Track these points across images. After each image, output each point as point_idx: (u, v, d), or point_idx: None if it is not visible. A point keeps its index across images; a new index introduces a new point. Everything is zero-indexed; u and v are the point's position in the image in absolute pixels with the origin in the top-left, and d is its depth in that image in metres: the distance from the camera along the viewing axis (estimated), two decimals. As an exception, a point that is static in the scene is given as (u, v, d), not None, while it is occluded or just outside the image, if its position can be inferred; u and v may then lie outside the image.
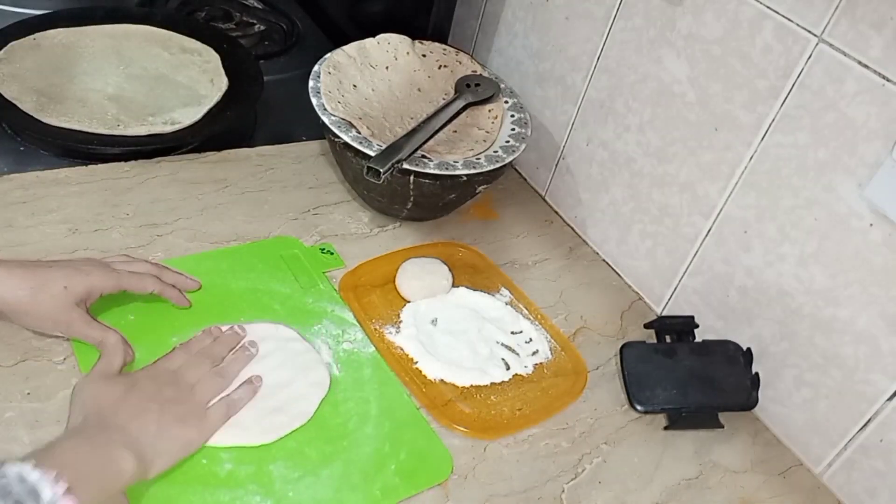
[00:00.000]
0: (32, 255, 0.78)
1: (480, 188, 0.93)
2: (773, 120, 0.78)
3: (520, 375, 0.81)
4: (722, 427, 0.82)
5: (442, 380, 0.78)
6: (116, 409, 0.63)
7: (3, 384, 0.68)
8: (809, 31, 0.73)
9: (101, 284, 0.71)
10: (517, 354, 0.83)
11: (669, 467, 0.78)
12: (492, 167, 0.89)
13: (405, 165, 0.84)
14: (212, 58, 1.10)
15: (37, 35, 1.04)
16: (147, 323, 0.75)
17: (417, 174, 0.86)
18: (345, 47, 1.00)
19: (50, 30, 1.05)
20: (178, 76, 1.06)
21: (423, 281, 0.87)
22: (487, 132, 0.96)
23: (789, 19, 0.74)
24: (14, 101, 0.94)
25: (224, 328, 0.76)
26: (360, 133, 0.88)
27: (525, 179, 1.12)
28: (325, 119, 0.89)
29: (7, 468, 0.50)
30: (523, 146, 0.94)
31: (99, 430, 0.61)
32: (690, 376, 0.82)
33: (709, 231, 0.87)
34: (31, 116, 0.93)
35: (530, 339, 0.86)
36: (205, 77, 1.07)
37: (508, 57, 1.11)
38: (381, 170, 0.80)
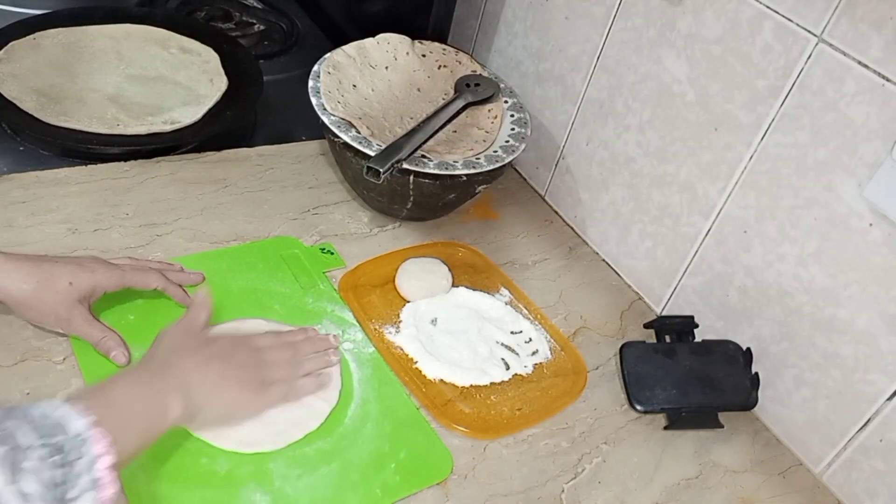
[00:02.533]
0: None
1: (480, 188, 0.93)
2: (773, 120, 0.78)
3: (519, 375, 0.81)
4: (722, 427, 0.82)
5: (442, 380, 0.78)
6: (186, 358, 0.65)
7: (3, 384, 0.68)
8: (809, 31, 0.73)
9: (105, 282, 0.72)
10: (517, 354, 0.83)
11: (669, 467, 0.78)
12: (491, 167, 0.89)
13: (405, 165, 0.84)
14: (211, 58, 1.10)
15: (37, 35, 1.04)
16: (147, 323, 0.75)
17: (417, 174, 0.86)
18: (344, 47, 1.00)
19: (50, 30, 1.06)
20: (178, 76, 1.06)
21: (423, 281, 0.87)
22: (487, 132, 0.96)
23: (789, 19, 0.74)
24: (14, 101, 0.94)
25: (321, 334, 0.78)
26: (359, 133, 0.88)
27: (525, 179, 1.12)
28: (324, 119, 0.89)
29: (31, 406, 0.51)
30: (523, 146, 0.94)
31: (160, 371, 0.64)
32: (690, 376, 0.82)
33: (708, 231, 0.87)
34: (31, 116, 0.93)
35: (530, 339, 0.86)
36: (204, 77, 1.07)
37: (508, 57, 1.11)
38: (381, 170, 0.80)
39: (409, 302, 0.86)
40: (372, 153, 0.84)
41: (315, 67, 0.96)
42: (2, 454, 0.47)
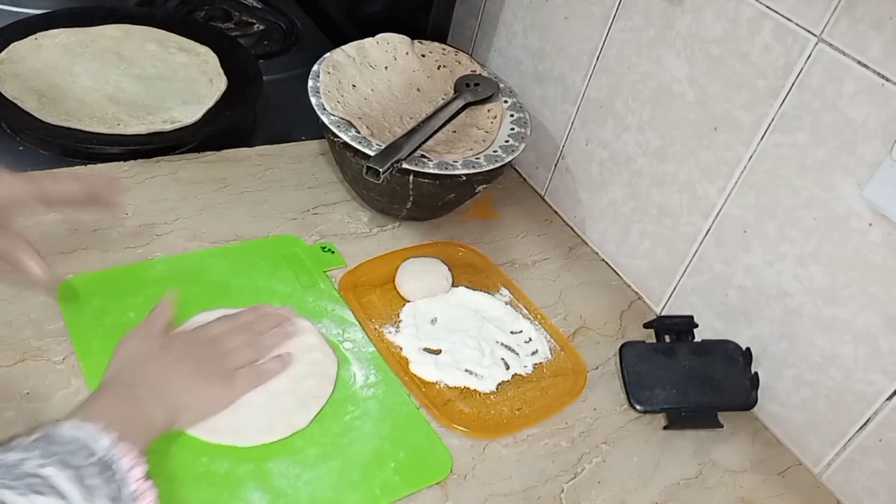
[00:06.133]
0: (32, 254, 0.78)
1: (480, 188, 0.93)
2: (773, 120, 0.78)
3: (519, 375, 0.81)
4: (721, 427, 0.82)
5: (441, 379, 0.78)
6: (148, 365, 0.66)
7: (3, 384, 0.68)
8: (809, 31, 0.73)
9: (18, 191, 0.67)
10: (517, 354, 0.83)
11: (669, 467, 0.78)
12: (491, 167, 0.89)
13: (404, 165, 0.84)
14: (211, 58, 1.10)
15: (37, 35, 1.04)
16: (147, 322, 0.75)
17: (417, 174, 0.86)
18: (344, 47, 1.00)
19: (50, 30, 1.06)
20: (178, 76, 1.06)
21: (423, 280, 0.87)
22: (487, 132, 0.96)
23: (789, 19, 0.75)
24: (14, 101, 0.94)
25: (271, 308, 0.78)
26: (359, 133, 0.88)
27: (525, 179, 1.12)
28: (324, 119, 0.90)
29: (55, 428, 0.53)
30: (522, 146, 0.95)
31: (132, 385, 0.64)
32: (690, 376, 0.82)
33: (708, 231, 0.87)
34: (31, 116, 0.93)
35: (530, 339, 0.86)
36: (204, 77, 1.07)
37: (508, 57, 1.11)
38: (381, 169, 0.80)
39: (408, 302, 0.86)
40: (371, 153, 0.84)
41: (314, 67, 0.96)
42: (72, 476, 0.49)
